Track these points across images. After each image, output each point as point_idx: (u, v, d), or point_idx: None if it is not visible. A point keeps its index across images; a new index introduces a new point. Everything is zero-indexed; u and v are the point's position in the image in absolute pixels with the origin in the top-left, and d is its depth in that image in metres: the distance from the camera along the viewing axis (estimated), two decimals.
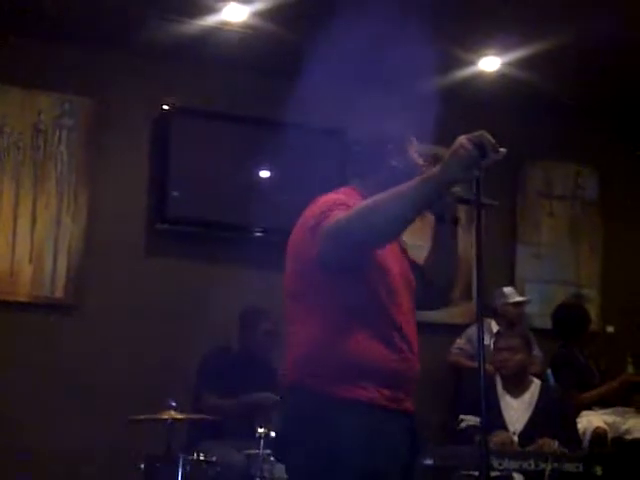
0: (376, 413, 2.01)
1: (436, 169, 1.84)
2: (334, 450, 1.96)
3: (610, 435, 4.32)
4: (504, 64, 4.86)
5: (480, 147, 1.82)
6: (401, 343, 2.07)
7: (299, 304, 2.11)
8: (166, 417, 3.54)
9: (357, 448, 1.97)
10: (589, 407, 4.45)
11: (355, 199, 2.09)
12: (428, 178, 1.85)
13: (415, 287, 2.19)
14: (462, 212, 2.35)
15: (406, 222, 1.88)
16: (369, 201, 1.91)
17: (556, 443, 3.61)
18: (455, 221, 2.23)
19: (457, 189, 2.02)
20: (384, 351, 2.03)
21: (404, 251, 2.26)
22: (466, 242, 4.15)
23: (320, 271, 2.02)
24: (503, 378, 3.93)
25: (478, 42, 4.66)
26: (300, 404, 2.05)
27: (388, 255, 2.10)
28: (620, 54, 4.73)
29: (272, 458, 3.51)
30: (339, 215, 1.95)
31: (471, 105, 5.05)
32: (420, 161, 2.18)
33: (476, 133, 1.85)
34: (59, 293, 4.56)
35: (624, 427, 4.40)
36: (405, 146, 2.17)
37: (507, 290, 5.03)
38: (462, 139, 1.83)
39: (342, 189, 2.18)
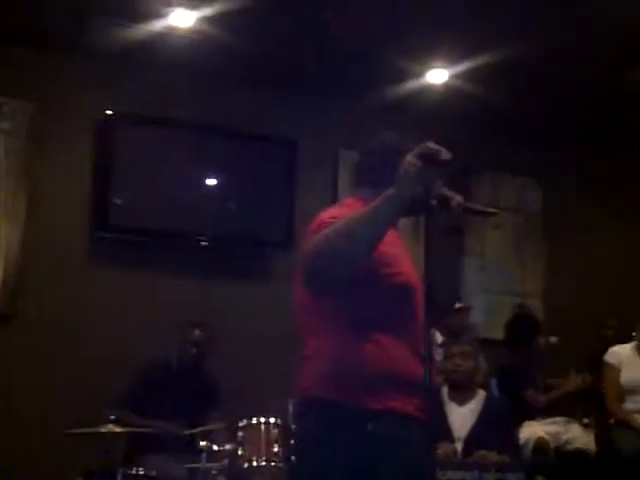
0: (407, 422, 2.00)
1: (391, 190, 1.85)
2: (373, 460, 1.95)
3: (552, 445, 4.37)
4: (451, 76, 4.90)
5: (425, 157, 1.82)
6: (417, 347, 2.05)
7: (309, 317, 2.09)
8: (104, 431, 3.46)
9: (392, 459, 1.96)
10: (550, 407, 4.50)
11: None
12: (387, 198, 1.85)
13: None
14: (406, 220, 2.25)
15: (372, 242, 1.89)
16: (335, 226, 1.91)
17: (494, 455, 3.64)
18: (458, 232, 2.20)
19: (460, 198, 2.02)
20: (404, 358, 2.02)
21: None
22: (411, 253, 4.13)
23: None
24: (450, 386, 3.96)
25: (426, 54, 4.69)
26: (327, 419, 1.99)
27: (399, 256, 2.10)
28: (566, 67, 4.80)
29: (214, 472, 3.46)
30: (319, 239, 1.91)
31: (419, 117, 5.06)
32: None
33: (420, 145, 1.85)
34: None
35: (565, 437, 4.46)
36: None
37: None
38: (408, 157, 1.83)
39: (347, 200, 2.15)
